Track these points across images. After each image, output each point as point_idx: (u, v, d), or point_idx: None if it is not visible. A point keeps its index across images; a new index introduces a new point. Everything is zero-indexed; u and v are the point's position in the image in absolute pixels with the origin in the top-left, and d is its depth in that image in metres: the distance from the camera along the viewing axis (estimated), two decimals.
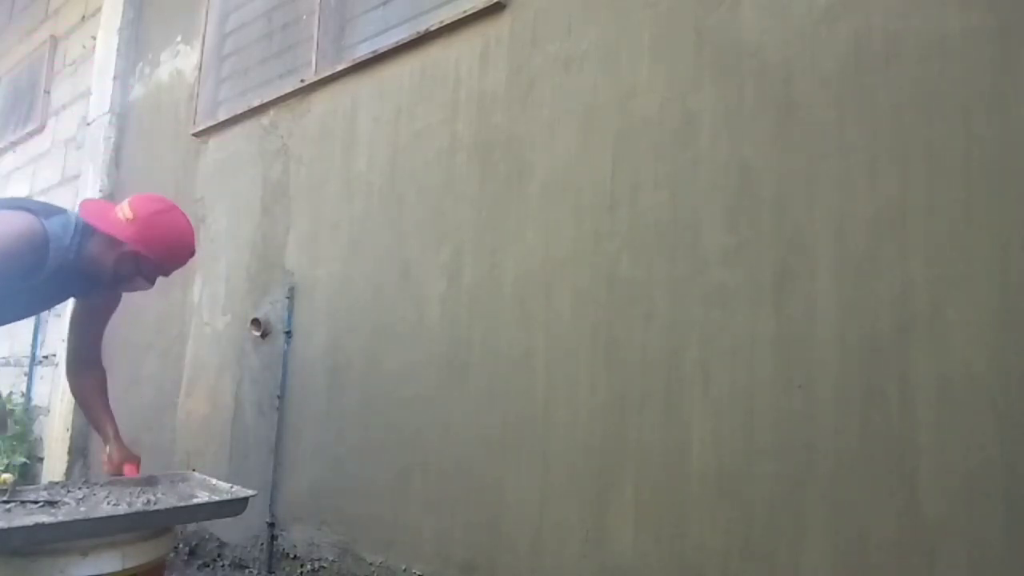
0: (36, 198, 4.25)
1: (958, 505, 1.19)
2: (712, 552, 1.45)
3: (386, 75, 2.35)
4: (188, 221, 1.87)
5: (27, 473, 3.67)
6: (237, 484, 1.80)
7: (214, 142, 3.06)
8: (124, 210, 1.77)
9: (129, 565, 1.44)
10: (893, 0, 1.37)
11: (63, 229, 1.74)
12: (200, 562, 2.64)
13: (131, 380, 3.23)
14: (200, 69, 3.17)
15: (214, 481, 1.82)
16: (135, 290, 1.91)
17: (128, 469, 1.89)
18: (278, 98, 2.72)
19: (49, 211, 1.76)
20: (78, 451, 3.41)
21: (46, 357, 3.87)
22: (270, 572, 2.37)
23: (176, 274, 3.05)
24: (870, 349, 1.31)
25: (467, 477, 1.89)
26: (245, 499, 1.66)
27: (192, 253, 1.89)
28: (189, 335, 2.97)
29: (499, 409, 1.86)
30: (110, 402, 2.06)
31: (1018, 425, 1.16)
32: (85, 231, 1.77)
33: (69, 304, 3.56)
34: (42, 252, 1.68)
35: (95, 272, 1.79)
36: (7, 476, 1.64)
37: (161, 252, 1.79)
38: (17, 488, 1.61)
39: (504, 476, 1.81)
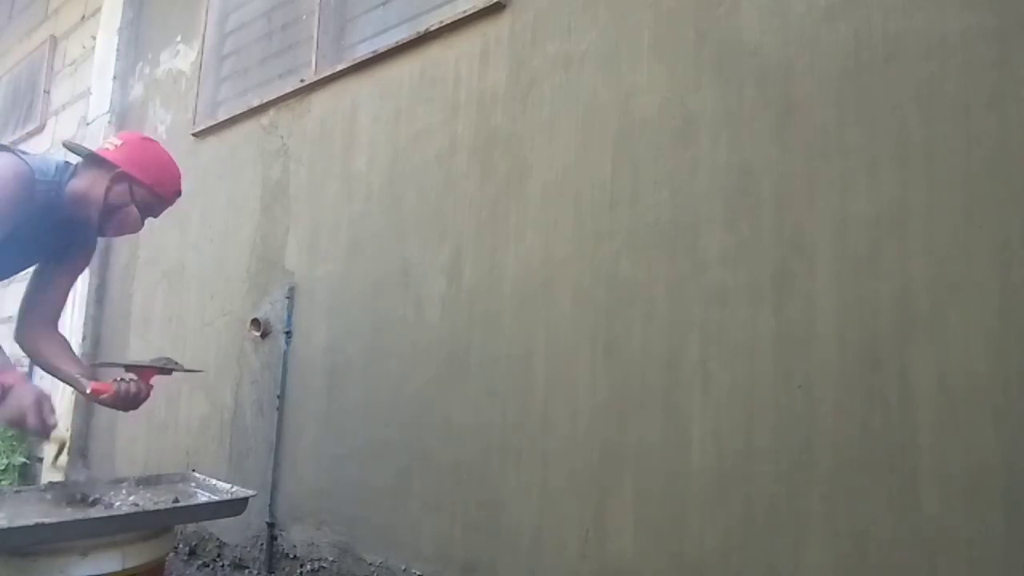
0: None
1: (958, 505, 1.19)
2: (712, 552, 1.45)
3: (386, 75, 2.35)
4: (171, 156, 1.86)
5: (27, 473, 3.67)
6: (237, 484, 1.80)
7: (214, 142, 3.06)
8: (112, 141, 1.77)
9: (129, 565, 1.44)
10: (893, 0, 1.37)
11: (45, 166, 1.69)
12: (200, 562, 2.64)
13: None
14: (200, 69, 3.17)
15: (214, 481, 1.82)
16: (125, 229, 1.80)
17: (97, 386, 1.70)
18: (278, 98, 2.72)
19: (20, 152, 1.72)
20: (78, 451, 3.41)
21: None
22: (270, 572, 2.37)
23: (177, 275, 3.08)
24: (870, 349, 1.31)
25: (467, 477, 1.89)
26: (245, 499, 1.65)
27: (179, 184, 1.85)
28: (189, 335, 2.97)
29: (499, 409, 1.86)
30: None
31: (1018, 425, 1.16)
32: (67, 169, 1.73)
33: (69, 305, 3.58)
34: (30, 189, 1.62)
35: (83, 209, 1.73)
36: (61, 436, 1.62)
37: (153, 174, 1.76)
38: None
39: (504, 476, 1.82)
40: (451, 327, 2.01)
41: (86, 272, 3.49)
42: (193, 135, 3.12)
